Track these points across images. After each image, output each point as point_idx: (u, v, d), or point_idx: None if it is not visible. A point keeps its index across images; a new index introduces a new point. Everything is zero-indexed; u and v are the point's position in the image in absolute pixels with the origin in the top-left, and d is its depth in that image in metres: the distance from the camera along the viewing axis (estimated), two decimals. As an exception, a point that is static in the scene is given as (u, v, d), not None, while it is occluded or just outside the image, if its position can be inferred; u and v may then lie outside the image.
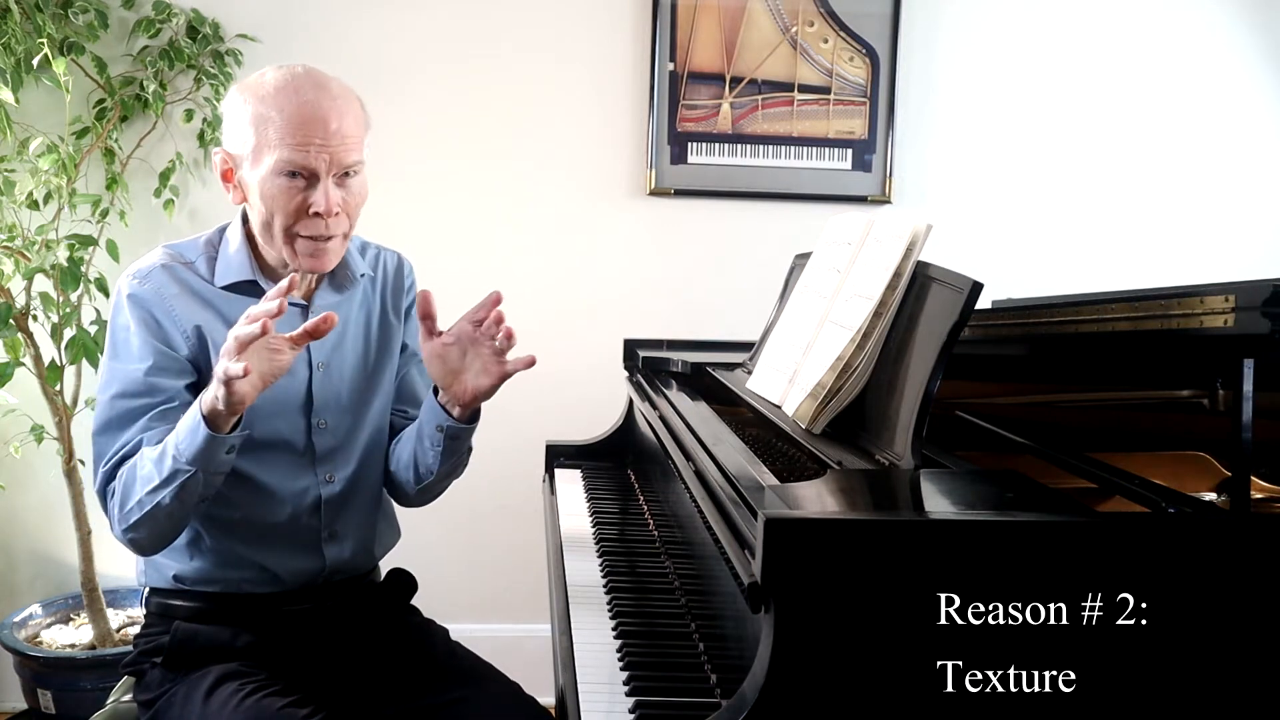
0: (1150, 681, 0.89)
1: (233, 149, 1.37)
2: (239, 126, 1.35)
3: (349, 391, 1.48)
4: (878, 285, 1.25)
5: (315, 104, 1.32)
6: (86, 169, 2.41)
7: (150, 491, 1.25)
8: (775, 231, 2.66)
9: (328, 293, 1.48)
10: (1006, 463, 1.25)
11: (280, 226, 1.35)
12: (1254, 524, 0.98)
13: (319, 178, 1.32)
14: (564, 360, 2.64)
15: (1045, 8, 2.71)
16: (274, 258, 1.42)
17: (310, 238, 1.35)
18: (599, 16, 2.61)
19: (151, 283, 1.39)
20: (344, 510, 1.49)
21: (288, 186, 1.32)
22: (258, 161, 1.33)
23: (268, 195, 1.33)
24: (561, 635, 1.26)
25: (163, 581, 1.43)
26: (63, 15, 2.32)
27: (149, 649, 1.42)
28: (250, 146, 1.33)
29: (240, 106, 1.35)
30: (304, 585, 1.46)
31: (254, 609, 1.43)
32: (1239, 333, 1.00)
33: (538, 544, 1.92)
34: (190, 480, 1.24)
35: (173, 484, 1.24)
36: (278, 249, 1.38)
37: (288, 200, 1.33)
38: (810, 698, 0.86)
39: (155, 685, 1.39)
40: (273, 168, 1.31)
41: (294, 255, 1.37)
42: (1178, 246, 2.78)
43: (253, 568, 1.43)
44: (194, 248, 1.46)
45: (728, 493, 1.09)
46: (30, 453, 2.48)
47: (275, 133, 1.31)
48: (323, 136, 1.31)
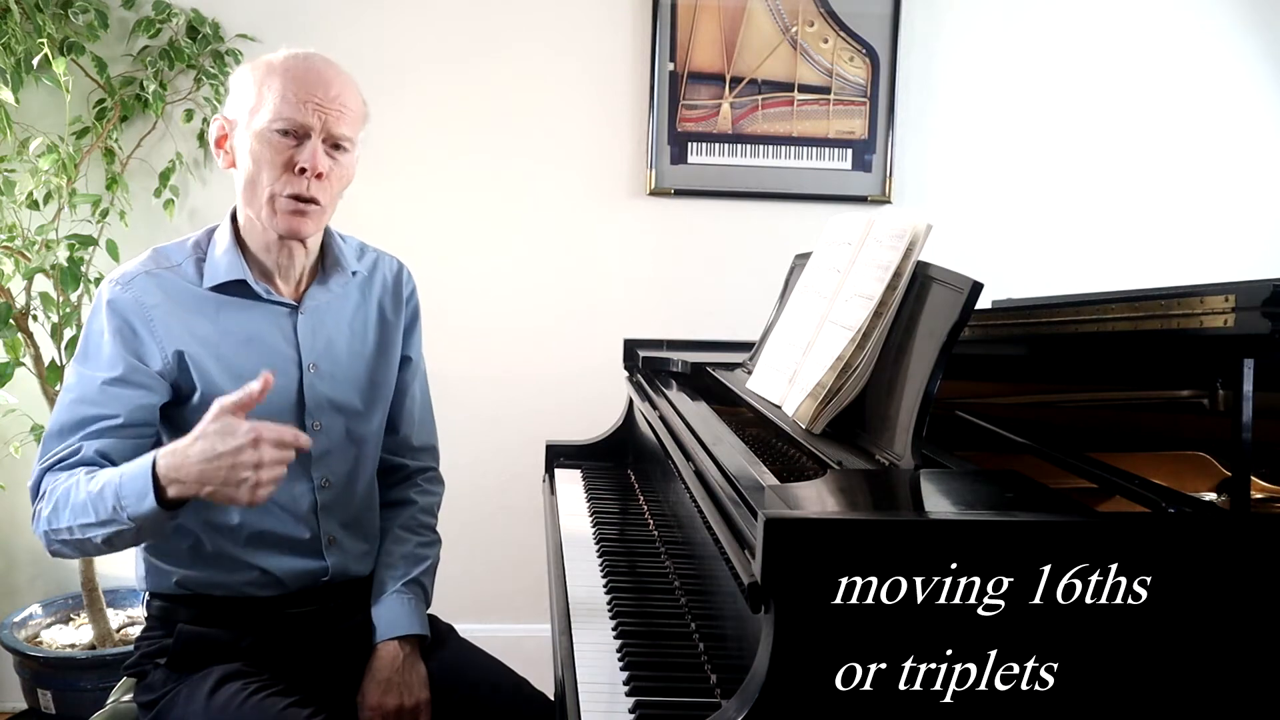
0: (1151, 681, 0.89)
1: (231, 114, 1.40)
2: (242, 92, 1.38)
3: (343, 393, 1.48)
4: (878, 285, 1.25)
5: (320, 70, 1.37)
6: (86, 169, 2.41)
7: (82, 525, 1.25)
8: (775, 231, 2.67)
9: (318, 291, 1.47)
10: (1006, 463, 1.25)
11: (266, 181, 1.36)
12: (1254, 524, 0.97)
13: (310, 137, 1.35)
14: (564, 360, 2.65)
15: (1045, 8, 2.71)
16: (260, 238, 1.41)
17: (292, 197, 1.36)
18: (599, 16, 2.61)
19: (133, 290, 1.37)
20: (342, 513, 1.48)
21: (279, 143, 1.35)
22: (255, 119, 1.36)
23: (257, 151, 1.36)
24: (561, 635, 1.26)
25: (165, 586, 1.43)
26: (63, 15, 2.32)
27: (151, 650, 1.42)
28: (249, 106, 1.37)
29: (247, 75, 1.39)
30: (305, 588, 1.45)
31: (256, 612, 1.43)
32: (1239, 333, 1.00)
33: (538, 544, 1.92)
34: (125, 532, 1.23)
35: (107, 529, 1.23)
36: (258, 210, 1.38)
37: (275, 154, 1.35)
38: (810, 698, 0.86)
39: (158, 686, 1.39)
40: (268, 123, 1.34)
41: (273, 216, 1.37)
42: (1178, 246, 2.78)
43: (253, 571, 1.42)
44: (181, 250, 1.44)
45: (728, 493, 1.09)
46: (30, 453, 2.48)
47: (276, 90, 1.35)
48: (321, 97, 1.35)
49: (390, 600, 1.46)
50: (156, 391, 1.36)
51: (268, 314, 1.43)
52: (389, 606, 1.46)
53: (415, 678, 1.41)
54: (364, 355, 1.51)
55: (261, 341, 1.41)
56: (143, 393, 1.34)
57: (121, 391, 1.33)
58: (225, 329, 1.40)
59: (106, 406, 1.33)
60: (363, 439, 1.50)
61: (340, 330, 1.48)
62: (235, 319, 1.40)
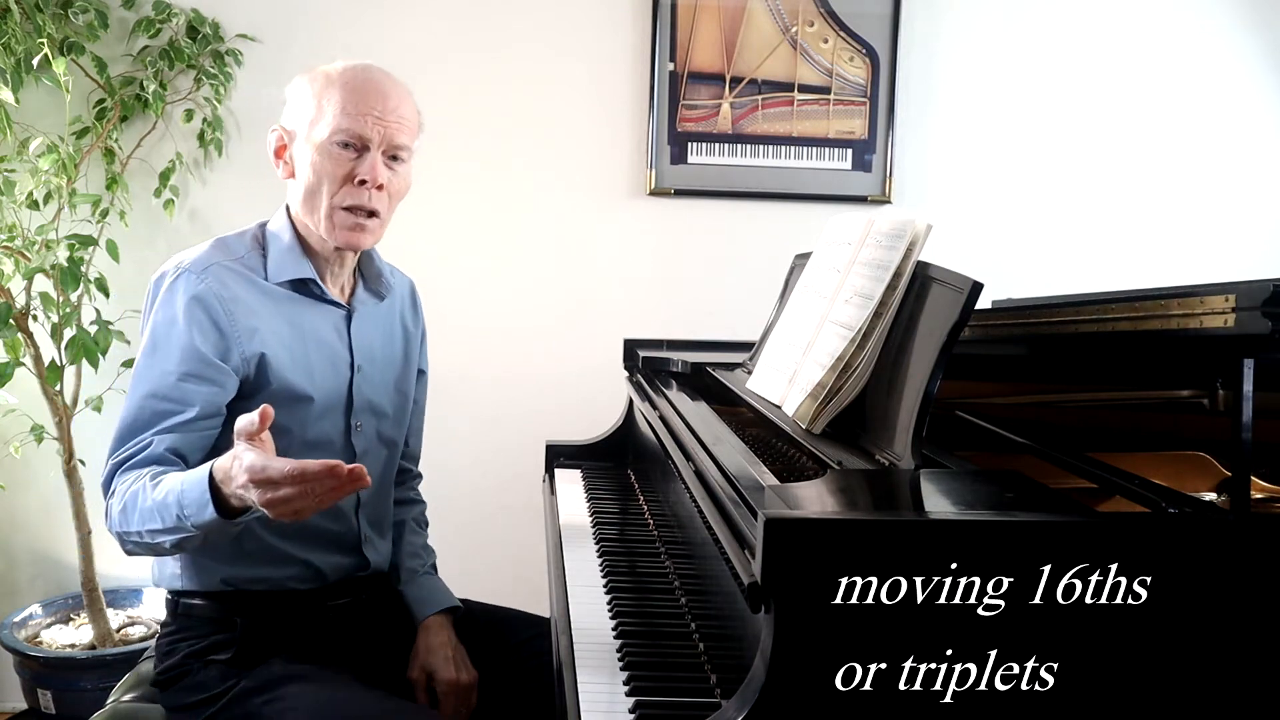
0: (1151, 681, 0.89)
1: (289, 124, 1.42)
2: (300, 103, 1.41)
3: (380, 396, 1.53)
4: (878, 285, 1.25)
5: (379, 82, 1.40)
6: (86, 169, 2.41)
7: (150, 531, 1.24)
8: (775, 231, 2.66)
9: (365, 296, 1.52)
10: (1006, 463, 1.25)
11: (326, 194, 1.38)
12: (1254, 524, 0.97)
13: (369, 149, 1.38)
14: (564, 360, 2.65)
15: (1045, 8, 2.71)
16: (317, 243, 1.44)
17: (351, 209, 1.39)
18: (599, 16, 2.61)
19: (210, 282, 1.36)
20: (372, 511, 1.54)
21: (340, 155, 1.38)
22: (315, 131, 1.37)
23: (318, 163, 1.38)
24: (561, 635, 1.26)
25: (209, 585, 1.42)
26: (63, 15, 2.32)
27: (198, 649, 1.41)
28: (309, 118, 1.38)
29: (305, 86, 1.41)
30: (343, 580, 1.49)
31: (298, 604, 1.45)
32: (1239, 333, 1.00)
33: (538, 544, 1.93)
34: (193, 538, 1.22)
35: (174, 535, 1.22)
36: (317, 222, 1.40)
37: (335, 167, 1.37)
38: (810, 698, 0.86)
39: (213, 683, 1.39)
40: (329, 136, 1.37)
41: (332, 229, 1.40)
42: (1178, 246, 2.78)
43: (297, 565, 1.44)
44: (242, 243, 1.44)
45: (728, 493, 1.09)
46: (30, 453, 2.48)
47: (336, 103, 1.37)
48: (380, 110, 1.38)
49: (423, 580, 1.58)
50: (229, 387, 1.36)
51: (327, 314, 1.46)
52: (424, 585, 1.57)
53: (464, 654, 1.51)
54: (394, 362, 1.57)
55: (323, 340, 1.45)
56: (216, 389, 1.34)
57: (196, 387, 1.32)
58: (295, 326, 1.42)
59: (180, 401, 1.32)
60: (392, 441, 1.57)
61: (378, 336, 1.54)
62: (302, 316, 1.44)
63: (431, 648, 1.50)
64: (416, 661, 1.50)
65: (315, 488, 1.06)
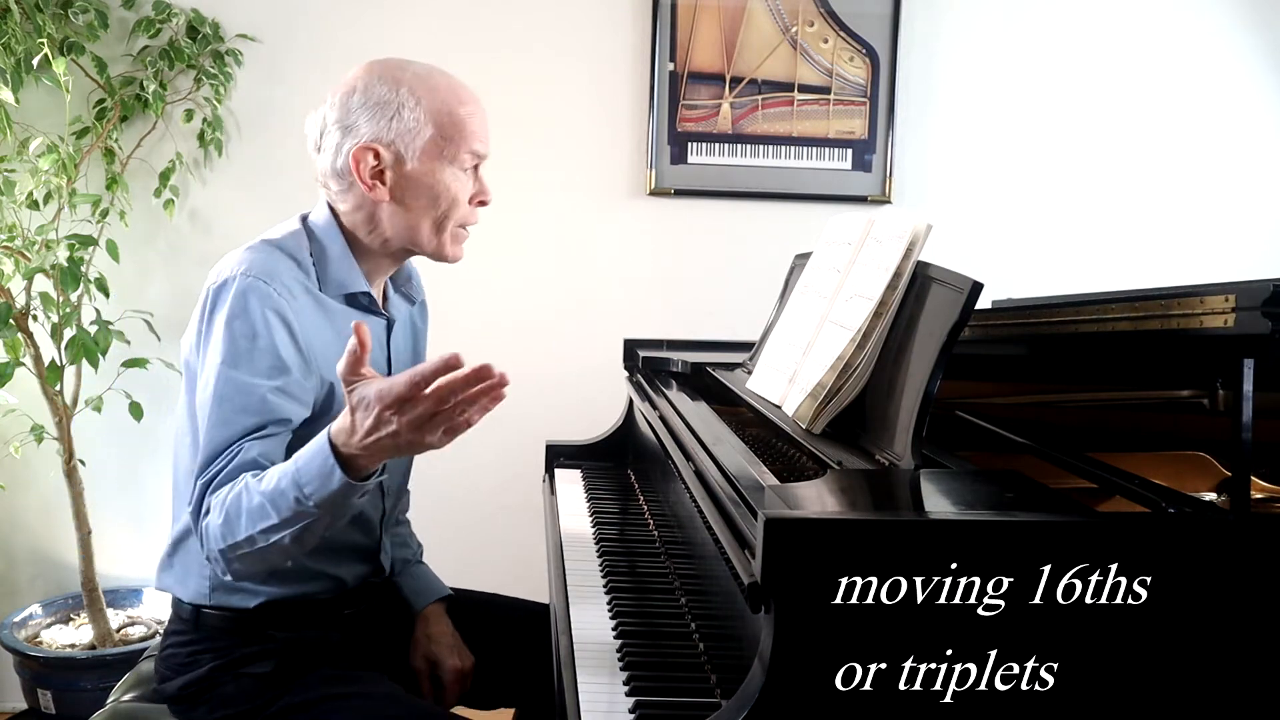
0: (1151, 681, 0.89)
1: (389, 140, 1.31)
2: (411, 120, 1.31)
3: None
4: (878, 285, 1.25)
5: (476, 97, 1.39)
6: (86, 169, 2.41)
7: (264, 530, 1.15)
8: (775, 231, 2.66)
9: (399, 302, 1.51)
10: (1006, 463, 1.25)
11: (456, 216, 1.38)
12: (1254, 524, 0.97)
13: (479, 167, 1.39)
14: (564, 360, 2.65)
15: (1045, 8, 2.71)
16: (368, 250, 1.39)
17: (464, 227, 1.41)
18: (599, 16, 2.61)
19: (282, 290, 1.28)
20: (392, 516, 1.55)
21: (471, 177, 1.38)
22: (443, 154, 1.33)
23: (451, 188, 1.35)
24: (562, 635, 1.26)
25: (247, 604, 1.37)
26: (63, 15, 2.32)
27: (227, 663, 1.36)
28: (425, 136, 1.32)
29: (404, 98, 1.31)
30: (360, 587, 1.48)
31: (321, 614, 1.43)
32: (1239, 333, 1.00)
33: (537, 544, 1.92)
34: (314, 524, 1.15)
35: (294, 526, 1.14)
36: (427, 239, 1.37)
37: (464, 191, 1.37)
38: (810, 698, 0.86)
39: (252, 694, 1.35)
40: (464, 159, 1.35)
41: (444, 246, 1.39)
42: (1178, 246, 2.78)
43: (326, 579, 1.42)
44: (299, 247, 1.36)
45: (728, 493, 1.09)
46: (30, 453, 2.48)
47: (469, 127, 1.35)
48: (488, 125, 1.39)
49: (415, 570, 1.61)
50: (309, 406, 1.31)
51: (372, 326, 1.42)
52: (417, 575, 1.60)
53: (460, 640, 1.55)
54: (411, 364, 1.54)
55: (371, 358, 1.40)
56: (301, 407, 1.29)
57: (285, 403, 1.26)
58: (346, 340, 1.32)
59: (270, 414, 1.25)
60: None
61: (405, 341, 1.54)
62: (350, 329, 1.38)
63: (433, 636, 1.53)
64: (419, 651, 1.52)
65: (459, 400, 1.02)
